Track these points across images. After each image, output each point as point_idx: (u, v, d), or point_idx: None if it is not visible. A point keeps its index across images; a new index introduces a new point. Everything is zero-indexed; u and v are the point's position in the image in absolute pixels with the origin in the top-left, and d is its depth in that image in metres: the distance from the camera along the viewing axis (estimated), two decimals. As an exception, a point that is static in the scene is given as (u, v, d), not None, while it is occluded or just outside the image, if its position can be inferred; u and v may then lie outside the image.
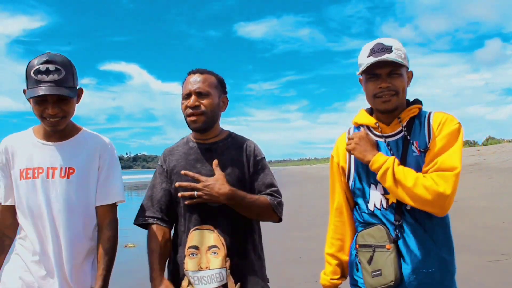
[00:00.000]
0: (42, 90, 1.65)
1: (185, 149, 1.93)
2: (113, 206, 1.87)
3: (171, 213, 1.89)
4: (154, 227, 1.85)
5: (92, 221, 1.86)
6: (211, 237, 1.78)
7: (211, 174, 1.81)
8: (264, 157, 1.95)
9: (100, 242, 1.83)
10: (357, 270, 1.70)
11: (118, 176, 1.88)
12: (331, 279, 1.83)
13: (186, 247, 1.78)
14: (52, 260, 1.75)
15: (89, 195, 1.83)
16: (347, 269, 1.82)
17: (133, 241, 6.87)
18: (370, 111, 1.82)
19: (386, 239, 1.61)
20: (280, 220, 1.88)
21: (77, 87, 1.80)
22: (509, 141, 41.20)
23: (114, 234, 1.85)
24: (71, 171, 1.77)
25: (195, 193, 1.74)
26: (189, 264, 1.76)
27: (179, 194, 1.77)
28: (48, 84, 1.67)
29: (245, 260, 1.81)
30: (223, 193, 1.72)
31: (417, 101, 1.73)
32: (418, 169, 1.62)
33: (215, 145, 1.90)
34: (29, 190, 1.77)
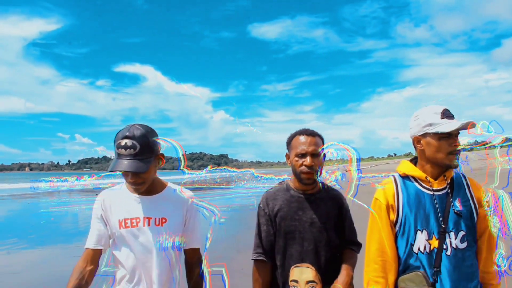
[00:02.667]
0: (117, 166, 1.86)
1: (287, 196, 2.15)
2: (199, 248, 2.13)
3: (273, 250, 2.15)
4: (258, 264, 2.15)
5: (177, 260, 2.08)
6: (310, 274, 2.04)
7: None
8: (347, 205, 2.20)
9: (192, 277, 2.10)
10: None
11: (200, 225, 2.11)
12: None
13: (289, 279, 2.06)
14: None
15: (176, 239, 2.03)
16: None
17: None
18: (414, 164, 1.96)
19: (424, 283, 1.77)
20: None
21: (156, 154, 1.97)
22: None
23: (200, 269, 2.10)
24: (163, 220, 2.00)
25: None
26: None
27: None
28: (124, 158, 1.87)
29: None
30: None
31: None
32: (458, 220, 1.81)
33: (313, 196, 2.14)
34: (129, 237, 1.97)
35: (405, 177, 1.93)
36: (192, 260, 2.11)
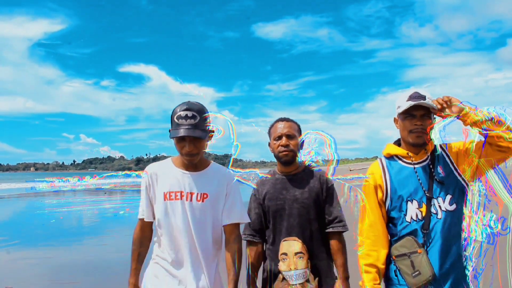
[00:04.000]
0: (181, 132, 1.99)
1: (273, 180, 2.38)
2: (238, 225, 2.20)
3: (263, 231, 2.38)
4: (250, 243, 2.38)
5: (218, 236, 2.18)
6: (297, 246, 2.22)
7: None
8: (333, 185, 2.35)
9: (229, 254, 2.13)
10: (396, 275, 2.04)
11: (241, 201, 2.19)
12: (374, 284, 2.05)
13: (279, 253, 2.24)
14: (188, 267, 2.07)
15: (217, 216, 2.14)
16: (383, 275, 2.10)
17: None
18: (398, 144, 2.14)
19: (416, 246, 1.95)
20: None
21: (209, 129, 2.10)
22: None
23: (240, 247, 2.17)
24: (205, 196, 2.09)
25: None
26: (282, 266, 2.22)
27: None
28: (186, 127, 1.99)
29: (321, 261, 2.29)
30: None
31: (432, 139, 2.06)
32: (443, 186, 1.98)
33: (296, 176, 2.34)
34: (172, 209, 2.07)
35: (389, 157, 2.12)
36: (231, 237, 2.16)
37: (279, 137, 2.30)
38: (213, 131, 2.13)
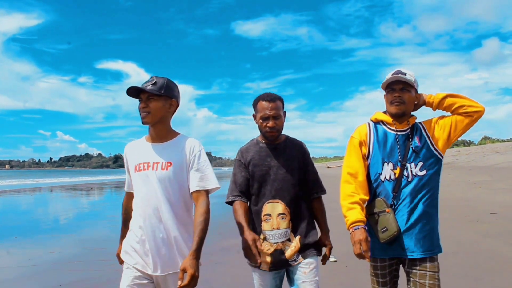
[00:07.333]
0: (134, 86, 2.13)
1: (257, 148, 2.47)
2: (205, 192, 2.15)
3: (249, 193, 2.46)
4: (237, 202, 2.41)
5: (188, 203, 2.20)
6: (280, 208, 2.35)
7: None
8: (309, 153, 2.55)
9: (195, 216, 2.13)
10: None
11: (208, 167, 2.19)
12: (361, 215, 2.17)
13: (262, 214, 2.37)
14: (156, 233, 2.11)
15: (183, 183, 2.17)
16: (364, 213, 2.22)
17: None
18: (384, 113, 2.32)
19: (384, 206, 2.16)
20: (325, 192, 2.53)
21: (170, 96, 2.17)
22: (493, 142, 44.12)
23: (206, 210, 2.09)
24: (169, 164, 2.13)
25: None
26: (265, 226, 2.35)
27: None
28: (142, 85, 2.12)
29: (303, 222, 2.40)
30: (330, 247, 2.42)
31: (413, 115, 2.29)
32: (417, 154, 2.19)
33: (279, 145, 2.46)
34: (141, 179, 2.16)
35: (377, 122, 2.33)
36: (197, 201, 2.16)
37: (266, 118, 2.39)
38: (176, 101, 2.23)
